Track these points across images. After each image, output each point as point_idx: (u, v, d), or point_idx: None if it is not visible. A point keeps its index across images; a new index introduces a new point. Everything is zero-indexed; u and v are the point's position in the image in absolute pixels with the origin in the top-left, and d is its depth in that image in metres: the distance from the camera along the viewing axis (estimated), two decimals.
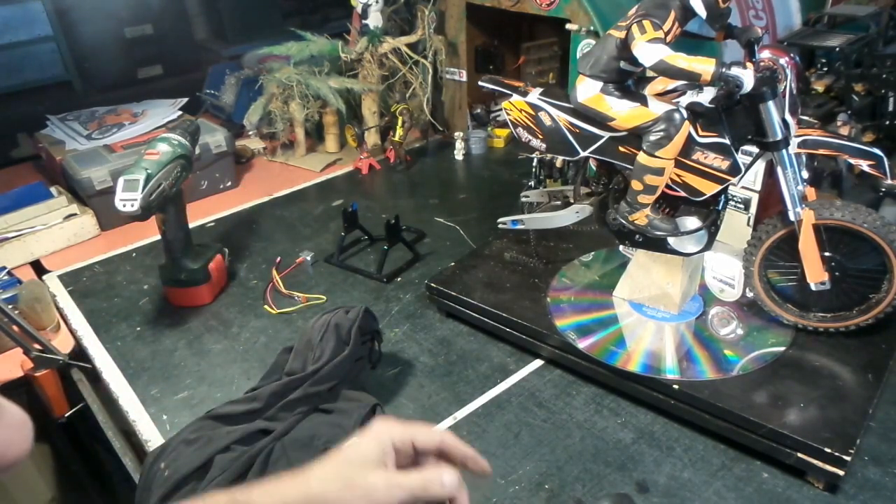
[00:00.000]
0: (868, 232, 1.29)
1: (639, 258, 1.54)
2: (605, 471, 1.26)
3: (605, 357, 1.42)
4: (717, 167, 1.31)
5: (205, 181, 2.42)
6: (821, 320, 1.42)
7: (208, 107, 3.00)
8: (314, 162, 2.65)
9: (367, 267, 1.94)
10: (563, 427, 1.37)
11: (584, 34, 2.19)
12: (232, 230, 2.22)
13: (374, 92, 2.61)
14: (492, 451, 1.32)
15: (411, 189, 2.47)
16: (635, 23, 1.27)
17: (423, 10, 2.55)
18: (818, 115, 2.13)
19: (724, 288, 1.56)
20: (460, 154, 2.66)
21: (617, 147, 1.41)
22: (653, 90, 1.39)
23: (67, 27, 2.86)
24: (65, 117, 2.68)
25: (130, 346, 1.69)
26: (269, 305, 1.80)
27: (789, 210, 1.33)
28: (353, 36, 2.65)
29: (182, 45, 3.24)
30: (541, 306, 1.58)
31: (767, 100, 1.26)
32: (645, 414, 1.39)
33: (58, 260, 2.08)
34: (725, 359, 1.40)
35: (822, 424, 1.21)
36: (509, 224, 1.69)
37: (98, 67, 3.00)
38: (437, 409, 1.43)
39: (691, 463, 1.27)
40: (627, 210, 1.43)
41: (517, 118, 1.50)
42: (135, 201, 1.57)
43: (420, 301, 1.79)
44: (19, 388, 1.60)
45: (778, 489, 1.21)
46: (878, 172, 1.29)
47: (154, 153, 1.66)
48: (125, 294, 1.90)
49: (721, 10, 1.28)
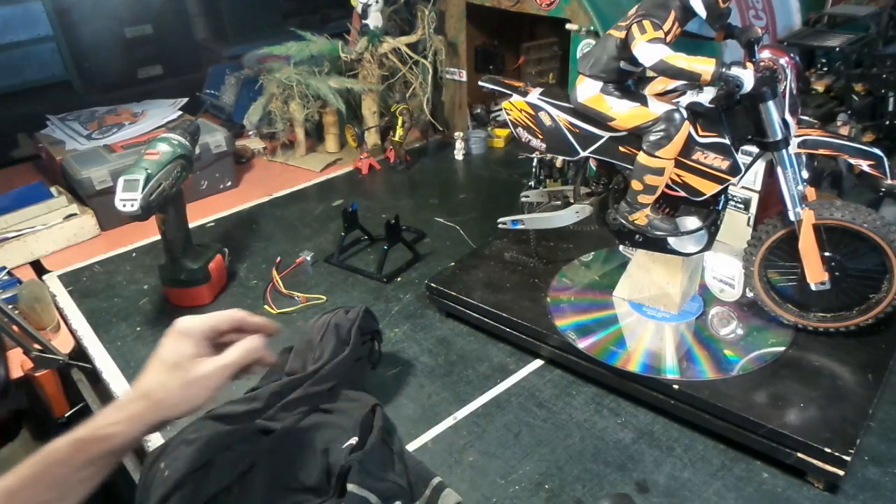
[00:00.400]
0: (868, 232, 1.29)
1: (639, 258, 1.54)
2: (605, 471, 1.26)
3: (605, 357, 1.42)
4: (717, 167, 1.31)
5: (205, 181, 2.42)
6: (821, 320, 1.42)
7: (208, 107, 3.00)
8: (314, 162, 2.65)
9: (367, 267, 1.94)
10: (563, 427, 1.37)
11: (584, 34, 2.19)
12: (232, 230, 2.22)
13: (374, 92, 2.61)
14: (492, 451, 1.32)
15: (411, 189, 2.47)
16: (635, 23, 1.27)
17: (423, 10, 2.55)
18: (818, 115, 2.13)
19: (724, 288, 1.56)
20: (460, 154, 2.66)
21: (617, 147, 1.41)
22: (653, 90, 1.39)
23: (67, 27, 2.86)
24: (65, 117, 2.68)
25: (130, 346, 1.69)
26: (269, 305, 1.80)
27: (789, 210, 1.33)
28: (353, 36, 2.65)
29: (182, 45, 3.24)
30: (541, 306, 1.58)
31: (767, 100, 1.26)
32: (645, 414, 1.39)
33: (58, 260, 2.08)
34: (725, 359, 1.40)
35: (822, 424, 1.21)
36: (509, 224, 1.69)
37: (98, 67, 3.00)
38: (437, 409, 1.43)
39: (691, 463, 1.27)
40: (627, 210, 1.43)
41: (517, 118, 1.50)
42: (135, 201, 1.57)
43: (420, 301, 1.79)
44: (19, 388, 1.60)
45: (778, 489, 1.21)
46: (878, 172, 1.29)
47: (154, 153, 1.66)
48: (125, 294, 1.90)
49: (721, 10, 1.28)
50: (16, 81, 2.81)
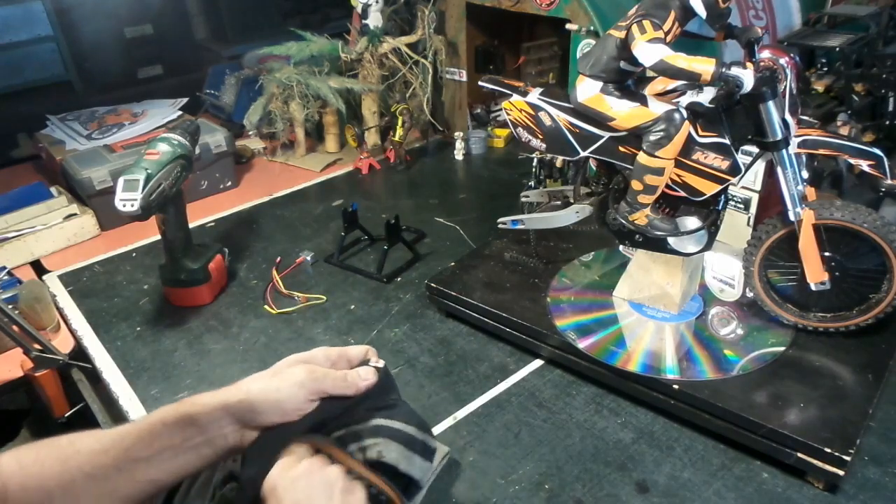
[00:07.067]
0: (868, 232, 1.29)
1: (639, 258, 1.54)
2: (605, 471, 1.26)
3: (605, 357, 1.42)
4: (717, 167, 1.31)
5: (205, 181, 2.42)
6: (821, 320, 1.42)
7: (208, 107, 3.00)
8: (314, 162, 2.65)
9: (367, 267, 1.94)
10: (563, 427, 1.37)
11: (584, 34, 2.19)
12: (232, 230, 2.22)
13: (374, 92, 2.61)
14: (492, 451, 1.32)
15: (411, 189, 2.47)
16: (635, 23, 1.27)
17: (423, 10, 2.55)
18: (818, 115, 2.13)
19: (724, 288, 1.56)
20: (460, 154, 2.66)
21: (617, 147, 1.41)
22: (653, 90, 1.39)
23: (67, 27, 2.86)
24: (65, 117, 2.68)
25: (130, 346, 1.69)
26: (269, 305, 1.80)
27: (789, 210, 1.33)
28: (353, 36, 2.65)
29: (182, 45, 3.23)
30: (541, 306, 1.58)
31: (767, 100, 1.26)
32: (645, 414, 1.39)
33: (58, 260, 2.08)
34: (725, 359, 1.40)
35: (822, 424, 1.21)
36: (509, 224, 1.69)
37: (98, 67, 3.00)
38: (437, 409, 1.43)
39: (691, 463, 1.27)
40: (627, 210, 1.43)
41: (517, 118, 1.50)
42: (135, 201, 1.57)
43: (420, 301, 1.79)
44: (19, 388, 1.60)
45: (778, 489, 1.21)
46: (878, 172, 1.29)
47: (154, 153, 1.66)
48: (125, 294, 1.90)
49: (721, 10, 1.28)
50: (16, 81, 2.81)
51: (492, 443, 1.34)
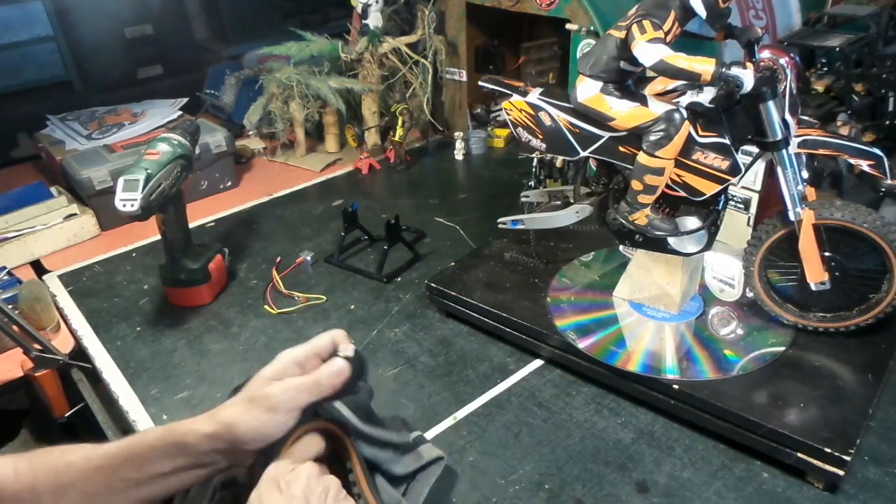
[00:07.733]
0: (868, 232, 1.29)
1: (639, 258, 1.54)
2: (605, 471, 1.26)
3: (605, 357, 1.42)
4: (717, 167, 1.31)
5: (205, 181, 2.42)
6: (821, 320, 1.42)
7: (208, 107, 3.00)
8: (314, 162, 2.65)
9: (367, 267, 1.94)
10: (563, 427, 1.37)
11: (584, 34, 2.19)
12: (232, 230, 2.22)
13: (374, 92, 2.61)
14: (492, 451, 1.32)
15: (411, 189, 2.47)
16: (635, 23, 1.27)
17: (423, 10, 2.55)
18: (818, 115, 2.13)
19: (724, 288, 1.56)
20: (460, 154, 2.66)
21: (617, 147, 1.41)
22: (653, 90, 1.39)
23: (67, 27, 2.86)
24: (65, 117, 2.68)
25: (130, 346, 1.69)
26: (269, 305, 1.80)
27: (789, 210, 1.33)
28: (353, 36, 2.65)
29: (182, 45, 3.24)
30: (541, 306, 1.58)
31: (767, 100, 1.26)
32: (645, 414, 1.39)
33: (58, 260, 2.08)
34: (725, 359, 1.40)
35: (822, 424, 1.21)
36: (509, 224, 1.69)
37: (98, 67, 3.00)
38: (437, 409, 1.43)
39: (691, 463, 1.27)
40: (627, 210, 1.43)
41: (517, 118, 1.50)
42: (135, 201, 1.57)
43: (420, 301, 1.79)
44: (19, 388, 1.60)
45: (778, 489, 1.21)
46: (878, 172, 1.29)
47: (154, 153, 1.66)
48: (125, 294, 1.90)
49: (721, 10, 1.28)
50: (16, 81, 2.81)
51: (492, 443, 1.34)
